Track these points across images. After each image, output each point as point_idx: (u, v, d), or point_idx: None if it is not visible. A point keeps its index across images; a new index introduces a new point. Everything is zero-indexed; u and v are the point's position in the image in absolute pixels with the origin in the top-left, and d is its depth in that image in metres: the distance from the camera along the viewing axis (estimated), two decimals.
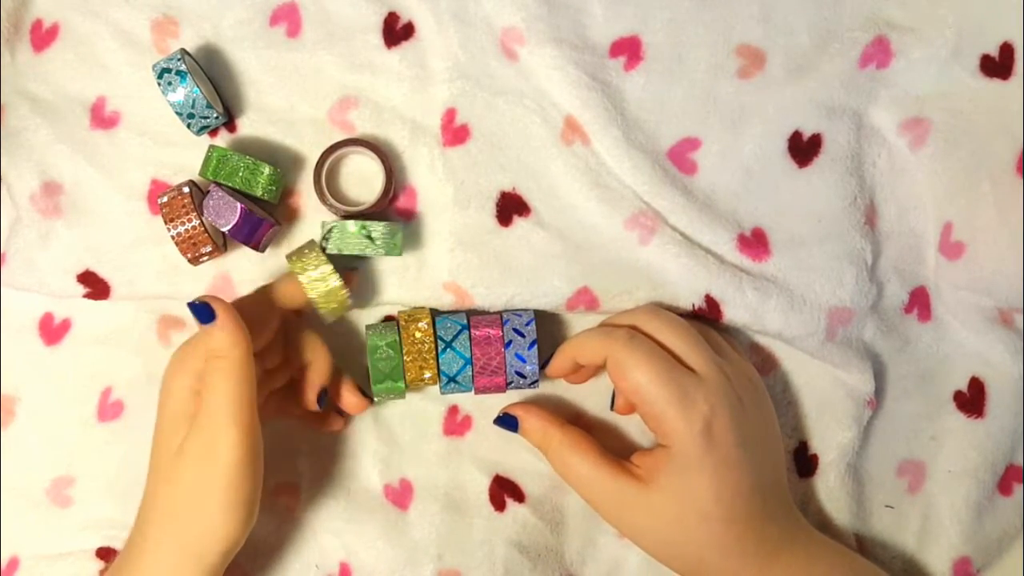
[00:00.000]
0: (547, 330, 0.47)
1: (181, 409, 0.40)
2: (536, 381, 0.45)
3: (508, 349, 0.44)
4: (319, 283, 0.43)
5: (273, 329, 0.43)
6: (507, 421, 0.45)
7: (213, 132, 0.47)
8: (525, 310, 0.46)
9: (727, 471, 0.40)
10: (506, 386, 0.45)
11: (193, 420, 0.39)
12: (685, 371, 0.41)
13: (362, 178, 0.47)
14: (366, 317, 0.48)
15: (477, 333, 0.44)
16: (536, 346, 0.44)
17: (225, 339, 0.39)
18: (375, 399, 0.45)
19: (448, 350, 0.44)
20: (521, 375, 0.45)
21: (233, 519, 0.39)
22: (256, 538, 0.47)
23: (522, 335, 0.44)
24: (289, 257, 0.44)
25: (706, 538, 0.41)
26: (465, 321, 0.45)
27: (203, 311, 0.39)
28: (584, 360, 0.44)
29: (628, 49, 0.46)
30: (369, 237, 0.43)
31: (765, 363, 0.48)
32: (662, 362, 0.41)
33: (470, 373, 0.44)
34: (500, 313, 0.46)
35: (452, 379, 0.45)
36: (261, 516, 0.47)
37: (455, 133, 0.46)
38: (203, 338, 0.40)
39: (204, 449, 0.39)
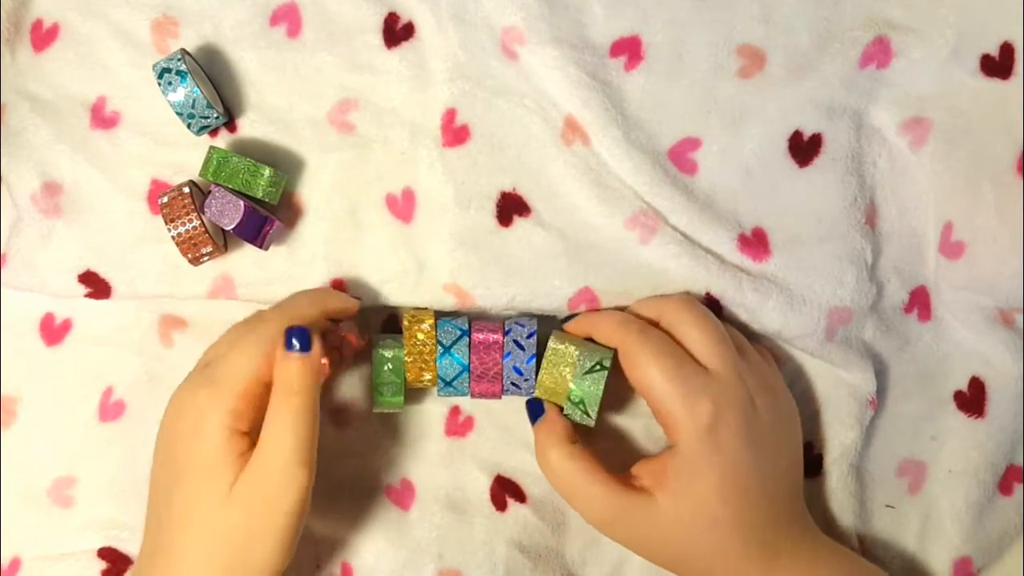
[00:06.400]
0: (547, 334, 0.47)
1: (226, 449, 0.38)
2: (532, 392, 0.45)
3: (506, 360, 0.44)
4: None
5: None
6: (536, 407, 0.44)
7: (213, 132, 0.47)
8: (529, 319, 0.45)
9: (735, 474, 0.40)
10: (502, 393, 0.45)
11: (243, 460, 0.38)
12: (695, 369, 0.41)
13: None
14: (367, 318, 0.48)
15: (479, 338, 0.44)
16: (535, 360, 0.44)
17: (309, 375, 0.37)
18: (375, 410, 0.46)
19: (446, 355, 0.44)
20: (517, 386, 0.45)
21: (285, 557, 0.39)
22: None
23: (522, 348, 0.44)
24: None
25: (715, 543, 0.41)
26: (466, 326, 0.44)
27: (303, 337, 0.37)
28: (597, 338, 0.44)
29: (628, 49, 0.46)
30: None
31: None
32: (671, 359, 0.41)
33: (467, 379, 0.44)
34: (504, 320, 0.46)
35: (449, 383, 0.45)
36: None
37: (455, 133, 0.46)
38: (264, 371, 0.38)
39: (267, 493, 0.37)
